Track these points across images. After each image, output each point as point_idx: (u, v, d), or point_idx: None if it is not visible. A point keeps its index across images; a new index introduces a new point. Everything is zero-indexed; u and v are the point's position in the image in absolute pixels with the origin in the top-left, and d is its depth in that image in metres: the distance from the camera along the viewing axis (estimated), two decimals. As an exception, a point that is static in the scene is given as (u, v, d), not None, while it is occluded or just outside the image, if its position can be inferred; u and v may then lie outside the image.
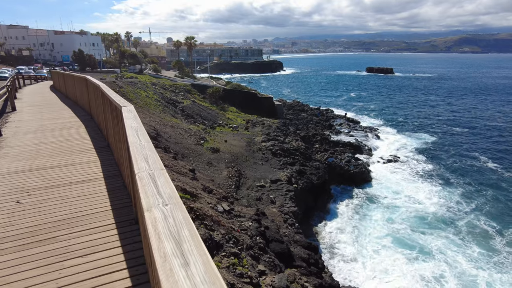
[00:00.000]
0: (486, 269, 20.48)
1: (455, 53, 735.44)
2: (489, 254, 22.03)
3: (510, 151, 43.15)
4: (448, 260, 21.22)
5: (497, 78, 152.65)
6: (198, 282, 1.14)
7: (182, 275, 1.18)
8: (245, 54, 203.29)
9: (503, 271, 20.29)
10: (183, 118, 36.21)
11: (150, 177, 2.23)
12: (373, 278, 19.36)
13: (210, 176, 22.07)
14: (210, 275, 1.19)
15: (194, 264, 1.25)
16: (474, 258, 21.59)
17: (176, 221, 1.58)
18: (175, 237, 1.45)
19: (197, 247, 1.36)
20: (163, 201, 1.85)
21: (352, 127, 53.97)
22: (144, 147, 2.93)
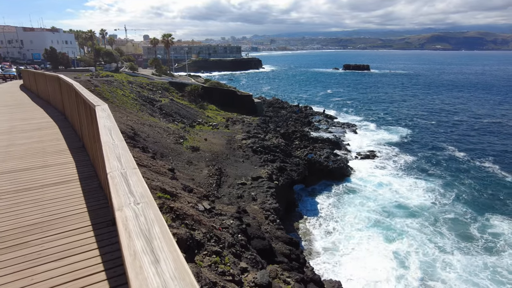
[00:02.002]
0: (450, 252, 21.72)
1: (428, 50, 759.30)
2: (457, 239, 23.26)
3: (477, 141, 45.29)
4: (418, 243, 22.41)
5: (467, 74, 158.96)
6: (167, 279, 1.15)
7: (152, 272, 1.19)
8: (223, 52, 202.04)
9: (465, 253, 21.63)
10: (161, 116, 35.65)
11: (122, 176, 2.22)
12: (352, 270, 19.83)
13: (190, 175, 21.88)
14: (180, 271, 1.19)
15: (164, 261, 1.25)
16: (442, 242, 22.84)
17: (148, 219, 1.58)
18: (145, 235, 1.45)
19: (168, 244, 1.37)
20: (134, 200, 1.84)
21: (330, 123, 54.83)
22: (117, 146, 2.89)
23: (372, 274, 19.48)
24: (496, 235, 24.00)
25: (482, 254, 21.62)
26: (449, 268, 20.22)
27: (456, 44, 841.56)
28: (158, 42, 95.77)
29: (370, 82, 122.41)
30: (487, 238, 23.55)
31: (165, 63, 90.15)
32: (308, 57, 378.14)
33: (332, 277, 19.08)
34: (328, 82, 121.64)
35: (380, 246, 22.24)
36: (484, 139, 47.32)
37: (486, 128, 53.17)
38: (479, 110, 67.77)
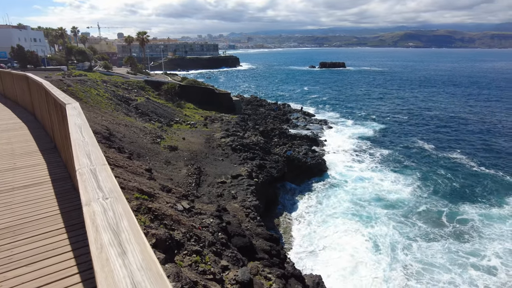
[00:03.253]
0: (415, 238, 22.99)
1: (401, 48, 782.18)
2: (427, 226, 24.59)
3: (445, 134, 47.36)
4: (394, 232, 23.56)
5: (438, 71, 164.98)
6: (134, 269, 1.16)
7: (118, 263, 1.19)
8: (200, 50, 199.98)
9: (431, 239, 22.97)
10: (137, 116, 34.92)
11: (91, 173, 2.20)
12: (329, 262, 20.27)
13: (169, 175, 21.58)
14: (148, 261, 1.20)
15: (132, 253, 1.26)
16: (414, 229, 24.17)
17: (116, 214, 1.59)
18: (113, 228, 1.45)
19: (136, 236, 1.37)
20: (103, 195, 1.85)
21: (308, 120, 55.50)
22: (87, 144, 2.85)
23: (350, 262, 20.42)
24: (464, 221, 25.49)
25: (447, 239, 23.01)
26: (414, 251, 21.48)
27: (427, 41, 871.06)
28: (133, 40, 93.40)
29: (346, 79, 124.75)
30: (455, 224, 24.95)
31: (141, 62, 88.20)
32: (285, 55, 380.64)
33: (312, 266, 19.63)
34: (305, 80, 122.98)
35: (357, 236, 23.23)
36: (451, 132, 49.49)
37: (454, 122, 55.55)
38: (448, 105, 70.62)
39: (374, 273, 19.49)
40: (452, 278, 19.09)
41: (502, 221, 25.52)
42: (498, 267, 20.22)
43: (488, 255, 21.36)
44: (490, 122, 55.07)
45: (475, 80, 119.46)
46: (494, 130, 50.53)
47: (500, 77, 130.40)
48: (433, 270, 19.79)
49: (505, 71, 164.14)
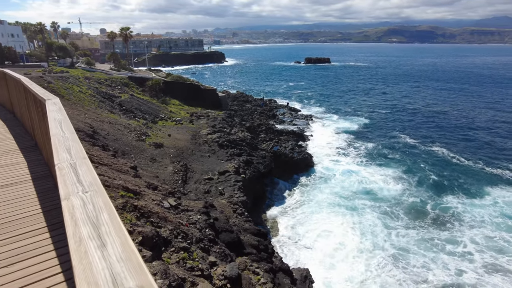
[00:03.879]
0: (397, 228, 23.95)
1: (385, 43, 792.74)
2: (409, 217, 25.43)
3: (427, 128, 48.54)
4: (374, 222, 24.49)
5: (420, 66, 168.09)
6: (114, 261, 1.15)
7: (97, 256, 1.18)
8: (185, 45, 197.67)
9: (410, 228, 23.98)
10: (121, 113, 34.33)
11: (71, 167, 2.18)
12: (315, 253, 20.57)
13: (154, 172, 21.35)
14: (128, 253, 1.19)
15: (111, 245, 1.24)
16: (393, 219, 25.12)
17: (96, 207, 1.57)
18: (93, 221, 1.43)
19: (116, 229, 1.35)
20: (83, 189, 1.82)
21: (294, 115, 55.76)
22: (68, 139, 2.80)
23: (335, 251, 21.30)
24: (446, 210, 26.48)
25: (427, 228, 24.02)
26: (394, 239, 22.45)
27: (410, 37, 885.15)
28: (116, 36, 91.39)
29: (331, 74, 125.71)
30: (437, 214, 25.92)
31: (124, 58, 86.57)
32: (270, 51, 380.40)
33: (300, 258, 20.09)
34: (291, 75, 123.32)
35: (342, 226, 24.06)
36: (433, 126, 50.70)
37: (436, 116, 56.84)
38: (430, 99, 72.14)
39: (357, 260, 20.33)
40: (426, 263, 20.13)
41: (482, 209, 26.49)
42: (473, 252, 21.30)
43: (465, 241, 22.35)
44: (470, 116, 56.56)
45: (456, 75, 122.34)
46: (473, 123, 51.95)
47: (480, 72, 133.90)
48: (409, 256, 20.77)
49: (484, 66, 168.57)
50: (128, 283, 1.05)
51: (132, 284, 1.04)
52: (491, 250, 21.59)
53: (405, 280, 18.76)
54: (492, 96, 75.32)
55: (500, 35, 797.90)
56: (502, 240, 22.62)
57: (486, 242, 22.35)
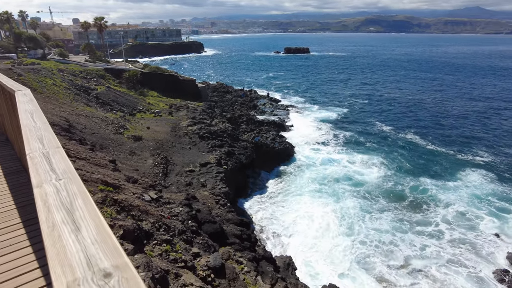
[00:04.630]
0: (374, 211, 25.16)
1: (363, 33, 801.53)
2: (386, 201, 26.51)
3: (402, 116, 49.99)
4: (352, 205, 25.71)
5: (397, 55, 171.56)
6: (88, 243, 1.17)
7: (71, 239, 1.20)
8: (162, 35, 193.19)
9: (387, 211, 25.17)
10: (98, 106, 33.43)
11: (44, 156, 2.17)
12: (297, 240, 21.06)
13: (134, 165, 21.04)
14: (103, 235, 1.21)
15: (86, 228, 1.27)
16: (372, 203, 26.30)
17: (70, 193, 1.59)
18: (67, 207, 1.45)
19: (91, 213, 1.37)
20: (56, 177, 1.84)
21: (275, 106, 55.94)
22: (40, 128, 2.76)
23: (316, 233, 22.43)
24: (422, 193, 27.80)
25: (402, 210, 25.40)
26: (370, 222, 23.77)
27: (387, 27, 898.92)
28: (90, 26, 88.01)
29: (310, 64, 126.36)
30: (414, 197, 27.20)
31: (100, 49, 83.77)
32: (250, 41, 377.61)
33: (283, 244, 20.73)
34: (270, 66, 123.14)
35: (322, 211, 25.02)
36: (409, 114, 52.26)
37: (410, 104, 58.52)
38: (405, 88, 74.00)
39: (334, 241, 21.49)
40: (395, 240, 21.67)
41: (455, 192, 27.91)
42: (444, 230, 22.88)
43: (438, 221, 23.84)
44: (443, 105, 58.48)
45: (431, 65, 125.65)
46: (446, 111, 53.82)
47: (453, 62, 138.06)
48: (382, 235, 22.10)
49: (457, 56, 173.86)
50: (103, 263, 1.07)
51: (107, 264, 1.07)
52: (460, 227, 23.11)
53: (375, 255, 20.29)
54: (463, 85, 77.98)
55: (472, 25, 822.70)
56: (473, 218, 24.25)
57: (456, 221, 23.87)
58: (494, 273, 19.14)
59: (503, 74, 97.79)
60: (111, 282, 0.99)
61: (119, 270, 1.04)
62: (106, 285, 0.98)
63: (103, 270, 1.04)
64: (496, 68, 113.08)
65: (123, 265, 1.07)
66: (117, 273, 1.03)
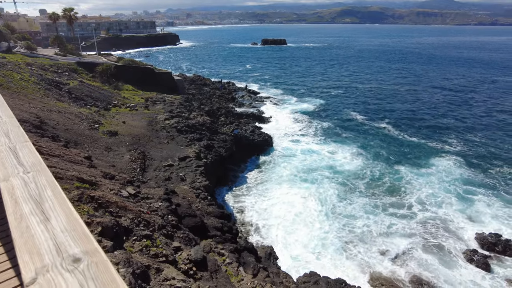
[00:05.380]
0: (351, 197, 26.19)
1: (338, 24, 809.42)
2: (363, 188, 27.56)
3: (376, 105, 51.44)
4: (330, 192, 26.50)
5: (372, 46, 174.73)
6: (58, 232, 1.19)
7: (40, 229, 1.22)
8: (136, 27, 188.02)
9: (362, 196, 26.38)
10: (71, 101, 32.30)
11: (11, 150, 2.16)
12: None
13: (111, 161, 20.60)
14: (72, 224, 1.24)
15: (56, 218, 1.29)
16: (348, 189, 27.32)
17: (39, 185, 1.60)
18: (35, 199, 1.46)
19: (60, 204, 1.39)
20: (24, 170, 1.84)
21: (253, 98, 55.93)
22: (6, 123, 2.71)
23: (295, 218, 23.31)
24: (397, 180, 28.91)
25: (378, 195, 26.57)
26: (347, 206, 24.95)
27: (362, 17, 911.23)
28: (58, 18, 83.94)
29: (288, 56, 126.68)
30: (388, 182, 28.42)
31: (70, 42, 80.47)
32: (226, 32, 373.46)
33: (264, 233, 21.08)
34: (248, 57, 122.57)
35: (300, 198, 25.87)
36: (383, 104, 53.76)
37: (385, 94, 60.12)
38: (380, 78, 75.74)
39: (313, 227, 22.30)
40: (370, 223, 22.88)
41: (428, 177, 29.19)
42: (416, 213, 24.23)
43: (411, 205, 25.16)
44: (415, 94, 60.41)
45: (404, 55, 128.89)
46: (418, 100, 55.66)
47: (425, 52, 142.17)
48: (357, 219, 23.29)
49: (428, 46, 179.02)
50: (72, 249, 1.10)
51: (77, 250, 1.09)
52: (431, 211, 24.40)
53: (351, 238, 21.31)
54: (434, 75, 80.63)
55: (442, 17, 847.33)
56: (443, 201, 25.59)
57: (428, 204, 25.18)
58: (464, 253, 20.20)
59: (471, 64, 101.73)
60: (81, 266, 1.02)
61: (89, 255, 1.07)
62: (76, 270, 1.00)
63: (72, 256, 1.07)
64: (464, 58, 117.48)
65: (92, 250, 1.09)
66: (87, 258, 1.05)
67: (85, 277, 0.99)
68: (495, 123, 43.87)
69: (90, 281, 0.98)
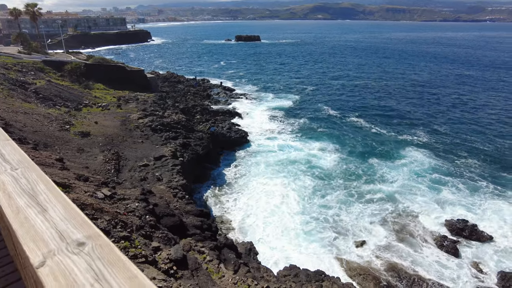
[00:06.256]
0: (325, 189, 27.05)
1: (311, 20, 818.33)
2: (337, 180, 28.35)
3: (348, 99, 52.93)
4: (306, 184, 26.74)
5: (345, 42, 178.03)
6: (58, 221, 1.23)
7: (39, 219, 1.25)
8: (106, 24, 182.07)
9: (335, 188, 26.73)
10: (38, 102, 30.98)
11: None
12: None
13: (84, 163, 20.02)
14: (71, 213, 1.28)
15: (53, 209, 1.32)
16: (323, 182, 28.15)
17: (30, 180, 1.62)
18: (29, 193, 1.48)
19: (56, 196, 1.42)
20: (11, 167, 1.85)
21: (229, 95, 55.74)
22: None
23: (272, 211, 23.89)
24: (371, 171, 29.94)
25: (353, 187, 27.38)
26: (320, 198, 25.77)
27: (333, 14, 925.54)
28: (20, 14, 79.75)
29: (262, 52, 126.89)
30: (362, 175, 29.37)
31: (35, 39, 76.86)
32: (199, 28, 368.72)
33: (244, 228, 21.22)
34: (222, 54, 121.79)
35: (278, 192, 26.50)
36: (356, 98, 55.23)
37: (357, 89, 61.76)
38: (352, 73, 77.57)
39: (290, 220, 22.90)
40: (345, 213, 23.86)
41: (399, 168, 30.42)
42: (388, 203, 25.22)
43: (386, 193, 26.25)
44: (385, 88, 62.31)
45: (375, 51, 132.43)
46: (388, 94, 57.52)
47: (394, 47, 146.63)
48: (333, 210, 24.15)
49: (398, 41, 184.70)
50: (75, 235, 1.15)
51: (80, 235, 1.14)
52: (403, 200, 25.53)
53: (327, 229, 22.12)
54: (403, 70, 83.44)
55: (410, 13, 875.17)
56: (414, 190, 26.85)
57: (400, 194, 26.29)
58: (435, 240, 21.23)
59: (438, 59, 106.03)
60: (86, 249, 1.08)
61: (92, 239, 1.13)
62: (81, 252, 1.05)
63: (76, 241, 1.12)
64: (431, 53, 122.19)
65: (95, 234, 1.15)
66: (90, 242, 1.11)
67: (91, 258, 1.04)
68: (459, 115, 46.13)
69: (97, 260, 1.03)
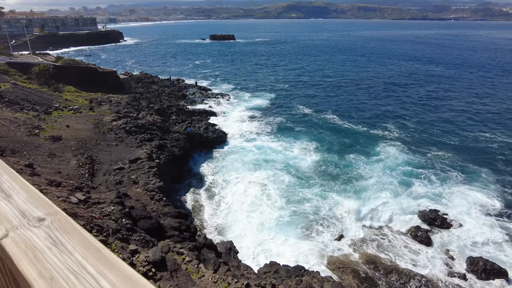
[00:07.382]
0: (303, 185, 27.73)
1: (285, 19, 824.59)
2: (316, 176, 29.16)
3: (322, 97, 54.01)
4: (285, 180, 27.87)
5: (317, 40, 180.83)
6: (21, 203, 1.31)
7: (3, 203, 1.31)
8: (75, 24, 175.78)
9: (313, 185, 27.50)
10: (3, 106, 29.61)
11: None
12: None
13: (56, 168, 19.41)
14: (34, 197, 1.35)
15: (17, 195, 1.38)
16: (298, 180, 28.64)
17: None
18: None
19: (20, 185, 1.46)
20: None
21: (205, 95, 55.37)
22: None
23: (250, 208, 24.24)
24: (349, 167, 30.80)
25: (329, 183, 28.20)
26: (297, 193, 26.45)
27: (307, 12, 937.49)
28: (-20, 14, 75.94)
29: (237, 51, 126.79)
30: (340, 170, 30.18)
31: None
32: (172, 28, 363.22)
33: (224, 228, 21.24)
34: (196, 53, 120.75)
35: (256, 190, 26.70)
36: (331, 96, 56.36)
37: (331, 86, 63.06)
38: (326, 72, 79.04)
39: (268, 216, 23.29)
40: (321, 208, 24.49)
41: (375, 164, 31.41)
42: (367, 197, 26.02)
43: (363, 188, 27.00)
44: (358, 85, 64.01)
45: (347, 49, 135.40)
46: (360, 91, 59.16)
47: (366, 45, 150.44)
48: (310, 204, 24.74)
49: (369, 39, 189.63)
50: (36, 213, 1.24)
51: (40, 213, 1.24)
52: (379, 193, 26.38)
53: (305, 224, 22.63)
54: (374, 67, 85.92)
55: (381, 12, 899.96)
56: (388, 184, 27.77)
57: (375, 188, 27.08)
58: (409, 230, 22.10)
59: (408, 56, 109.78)
60: (45, 223, 1.19)
61: (51, 215, 1.24)
62: (41, 225, 1.16)
63: (37, 217, 1.22)
64: (401, 51, 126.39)
65: (54, 211, 1.26)
66: (50, 217, 1.23)
67: (50, 229, 1.15)
68: (427, 110, 48.06)
69: (55, 230, 1.14)
